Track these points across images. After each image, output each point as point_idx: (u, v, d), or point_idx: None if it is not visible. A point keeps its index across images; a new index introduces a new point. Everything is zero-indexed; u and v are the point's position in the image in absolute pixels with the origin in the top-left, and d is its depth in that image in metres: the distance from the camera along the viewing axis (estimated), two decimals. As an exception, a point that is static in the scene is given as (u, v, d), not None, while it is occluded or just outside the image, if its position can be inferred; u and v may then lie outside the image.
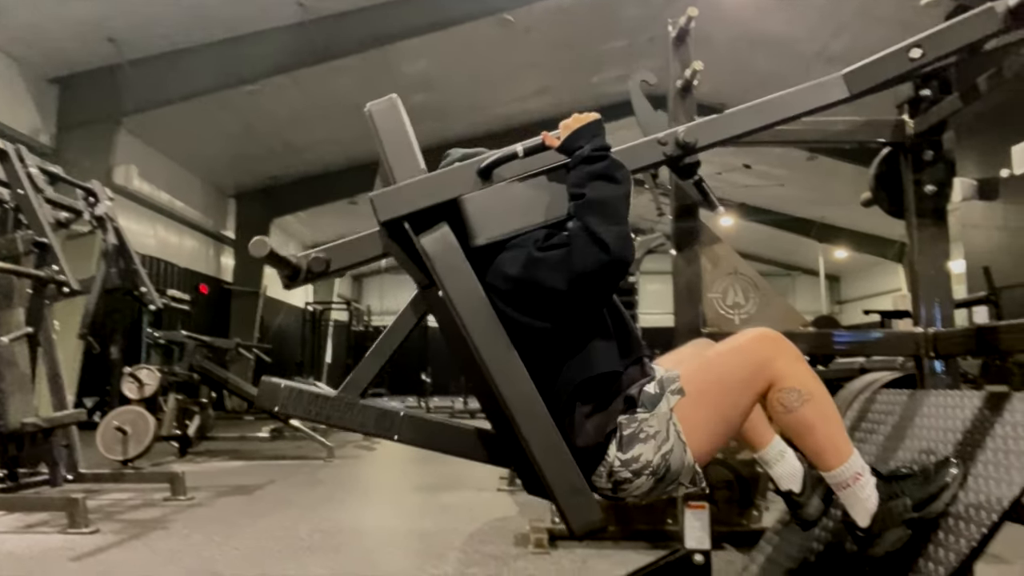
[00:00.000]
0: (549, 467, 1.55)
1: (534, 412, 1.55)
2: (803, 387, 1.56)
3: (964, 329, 2.04)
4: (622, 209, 1.57)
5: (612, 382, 1.59)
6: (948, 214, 2.25)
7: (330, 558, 3.29)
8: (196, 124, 12.42)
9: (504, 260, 1.63)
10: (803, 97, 1.84)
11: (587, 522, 1.57)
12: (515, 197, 1.68)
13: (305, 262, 1.73)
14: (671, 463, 1.55)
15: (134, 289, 5.61)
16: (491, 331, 1.57)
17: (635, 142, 1.83)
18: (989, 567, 3.08)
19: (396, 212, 1.64)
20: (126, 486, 5.24)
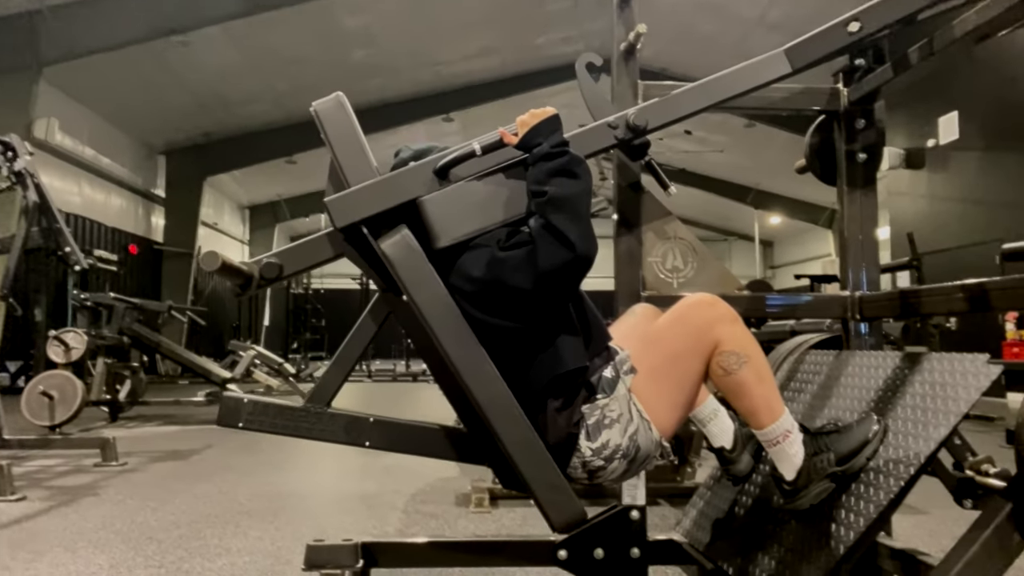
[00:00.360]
0: (527, 466, 1.56)
1: (509, 412, 1.55)
2: (742, 350, 1.60)
3: (888, 293, 2.12)
4: (584, 205, 1.56)
5: (580, 376, 1.60)
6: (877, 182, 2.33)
7: (270, 522, 3.27)
8: (122, 76, 11.82)
9: (467, 261, 1.61)
10: (747, 74, 1.86)
11: (568, 518, 1.59)
12: (474, 196, 1.64)
13: (257, 269, 1.68)
14: (640, 443, 1.58)
15: (57, 249, 5.37)
16: (459, 334, 1.56)
17: (585, 127, 1.82)
18: (906, 517, 3.27)
19: (353, 217, 1.60)
20: (54, 452, 5.08)
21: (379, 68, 13.22)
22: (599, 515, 1.98)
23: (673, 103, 1.86)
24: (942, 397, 1.57)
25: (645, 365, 1.62)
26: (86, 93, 12.20)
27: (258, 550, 2.81)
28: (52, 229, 5.31)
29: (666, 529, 2.26)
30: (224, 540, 2.96)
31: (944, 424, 1.52)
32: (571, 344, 1.60)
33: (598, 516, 1.98)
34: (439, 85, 14.39)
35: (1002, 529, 1.34)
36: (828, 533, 1.60)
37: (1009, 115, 8.00)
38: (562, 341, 1.59)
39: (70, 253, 5.36)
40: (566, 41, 13.44)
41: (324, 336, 17.79)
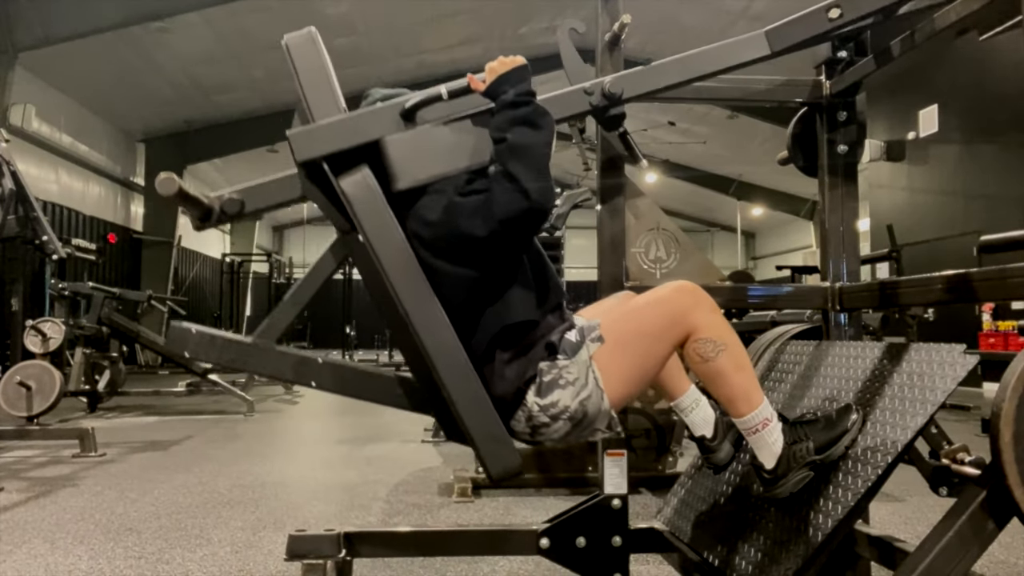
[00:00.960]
0: (468, 414, 1.55)
1: (454, 359, 1.54)
2: (719, 338, 1.61)
3: (867, 284, 2.14)
4: (544, 156, 1.56)
5: (530, 330, 1.60)
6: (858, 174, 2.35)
7: (250, 512, 3.26)
8: (100, 62, 11.64)
9: (424, 205, 1.61)
10: (727, 53, 1.86)
11: (505, 468, 1.59)
12: (438, 141, 1.64)
13: (218, 203, 1.65)
14: (588, 408, 1.58)
15: (35, 238, 5.29)
16: (411, 277, 1.55)
17: (561, 91, 1.82)
18: (883, 505, 3.32)
19: (315, 152, 1.58)
20: (32, 443, 5.03)
21: (361, 56, 13.12)
22: (581, 503, 1.99)
23: (650, 74, 1.86)
24: (919, 387, 1.59)
25: (614, 337, 1.62)
26: (63, 79, 12.00)
27: (239, 540, 2.80)
28: (29, 217, 5.23)
29: (647, 517, 2.27)
30: (205, 531, 2.94)
31: (921, 413, 1.54)
32: (522, 296, 1.60)
33: (580, 504, 1.99)
34: (421, 74, 14.30)
35: (977, 516, 1.36)
36: (807, 521, 1.62)
37: (988, 109, 8.09)
38: (513, 293, 1.59)
39: (47, 242, 5.29)
40: (549, 31, 13.40)
41: (306, 326, 17.71)
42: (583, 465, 3.60)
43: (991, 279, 1.59)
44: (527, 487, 3.62)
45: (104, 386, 7.12)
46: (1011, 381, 1.32)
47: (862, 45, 2.25)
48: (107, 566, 2.51)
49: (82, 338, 6.77)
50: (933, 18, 1.86)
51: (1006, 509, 1.35)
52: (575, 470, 3.62)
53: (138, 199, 15.94)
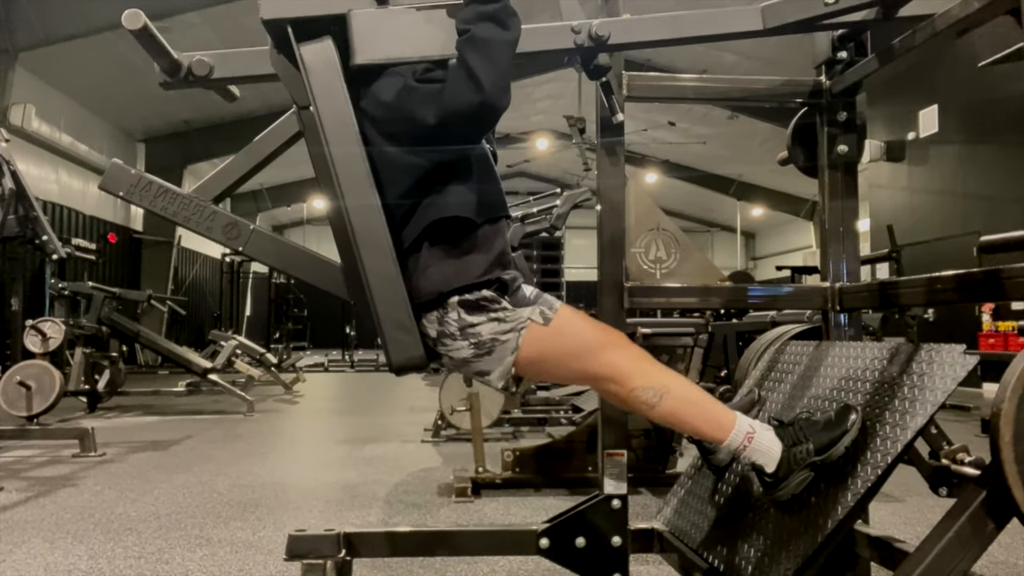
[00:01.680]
0: (380, 298, 1.55)
1: (376, 240, 1.54)
2: (655, 383, 1.61)
3: (867, 284, 2.14)
4: (505, 55, 1.54)
5: (465, 230, 1.60)
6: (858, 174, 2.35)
7: (250, 512, 3.26)
8: (100, 62, 11.64)
9: (380, 86, 1.60)
10: (719, 19, 1.86)
11: (408, 358, 1.58)
12: (406, 24, 1.62)
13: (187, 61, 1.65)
14: (494, 350, 1.59)
15: (34, 237, 5.29)
16: (350, 151, 1.54)
17: (549, 24, 1.82)
18: (883, 505, 3.32)
19: (281, 12, 1.57)
20: (31, 443, 5.03)
21: None
22: (580, 504, 1.99)
23: (639, 24, 1.86)
24: (919, 387, 1.59)
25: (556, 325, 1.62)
26: (63, 79, 12.01)
27: (239, 540, 2.80)
28: (29, 217, 5.22)
29: (647, 518, 2.27)
30: (204, 531, 2.94)
31: (921, 414, 1.54)
32: (463, 194, 1.60)
33: (580, 505, 1.99)
34: (421, 70, 14.30)
35: (976, 516, 1.36)
36: (806, 521, 1.62)
37: (987, 109, 8.10)
38: (454, 189, 1.59)
39: (47, 242, 5.29)
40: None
41: (306, 326, 17.70)
42: (583, 465, 3.60)
43: (991, 279, 1.59)
44: (527, 487, 3.62)
45: (104, 386, 7.12)
46: (1011, 381, 1.32)
47: (862, 45, 2.25)
48: (107, 566, 2.51)
49: (82, 338, 6.77)
50: (933, 19, 1.85)
51: (1006, 509, 1.35)
52: (575, 470, 3.62)
53: (138, 199, 15.94)
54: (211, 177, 1.75)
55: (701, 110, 15.74)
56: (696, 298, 2.31)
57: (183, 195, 1.70)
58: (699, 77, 2.41)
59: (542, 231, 6.78)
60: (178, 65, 1.64)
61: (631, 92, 2.21)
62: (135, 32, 1.48)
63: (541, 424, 5.58)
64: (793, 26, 1.86)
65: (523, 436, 5.27)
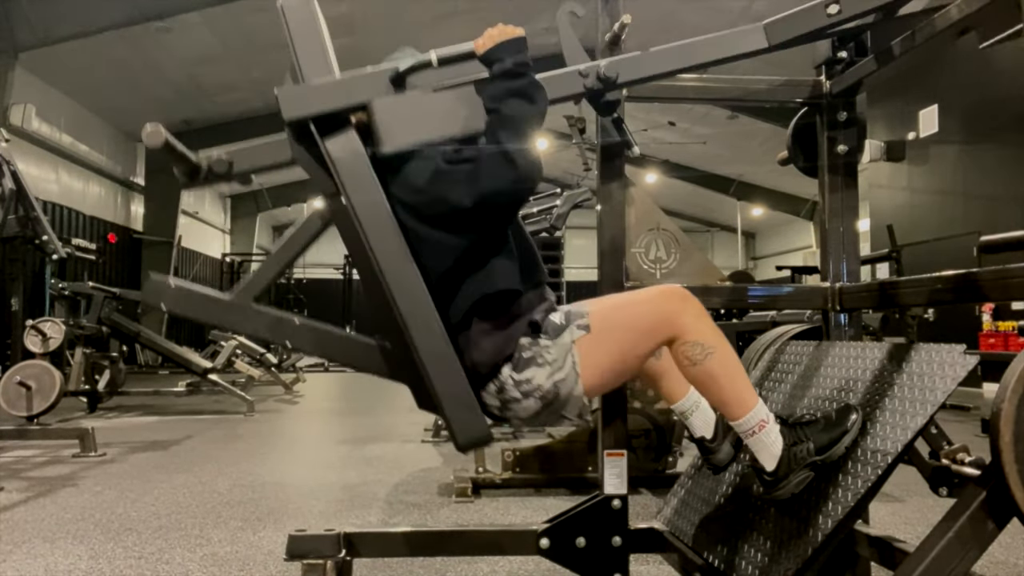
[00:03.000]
0: (439, 380, 1.55)
1: (428, 324, 1.54)
2: (706, 341, 1.61)
3: (867, 284, 2.14)
4: (535, 129, 1.56)
5: (511, 301, 1.60)
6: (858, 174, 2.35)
7: (250, 512, 3.26)
8: (101, 62, 11.64)
9: (411, 170, 1.60)
10: (724, 43, 1.86)
11: (473, 436, 1.58)
12: (428, 107, 1.63)
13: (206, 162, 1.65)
14: (560, 391, 1.58)
15: (35, 237, 5.29)
16: (390, 240, 1.54)
17: (556, 71, 1.82)
18: (883, 505, 3.32)
19: (303, 111, 1.58)
20: (31, 443, 5.03)
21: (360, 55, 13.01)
22: (581, 504, 1.99)
23: (646, 60, 1.86)
24: (919, 387, 1.59)
25: (599, 327, 1.61)
26: (63, 79, 12.00)
27: (239, 540, 2.80)
28: (29, 217, 5.23)
29: (647, 518, 2.27)
30: (205, 531, 2.94)
31: (921, 414, 1.54)
32: (505, 267, 1.60)
33: (580, 505, 1.99)
34: (422, 74, 14.29)
35: (976, 516, 1.36)
36: (807, 521, 1.62)
37: (988, 109, 8.09)
38: (496, 263, 1.59)
39: (47, 242, 5.29)
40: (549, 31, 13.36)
41: (306, 326, 17.69)
42: (583, 465, 3.60)
43: (991, 279, 1.59)
44: (527, 487, 3.62)
45: (104, 386, 7.12)
46: (1011, 381, 1.32)
47: (862, 45, 2.24)
48: (107, 566, 2.51)
49: (82, 338, 6.77)
50: (933, 18, 1.85)
51: (1006, 509, 1.35)
52: (575, 470, 3.62)
53: (138, 199, 15.94)
54: (250, 279, 1.75)
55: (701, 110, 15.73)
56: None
57: (224, 300, 1.70)
58: (699, 77, 2.40)
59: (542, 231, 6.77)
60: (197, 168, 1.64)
61: (631, 92, 2.21)
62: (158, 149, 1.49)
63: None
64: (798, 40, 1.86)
65: (523, 436, 5.27)
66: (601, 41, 2.18)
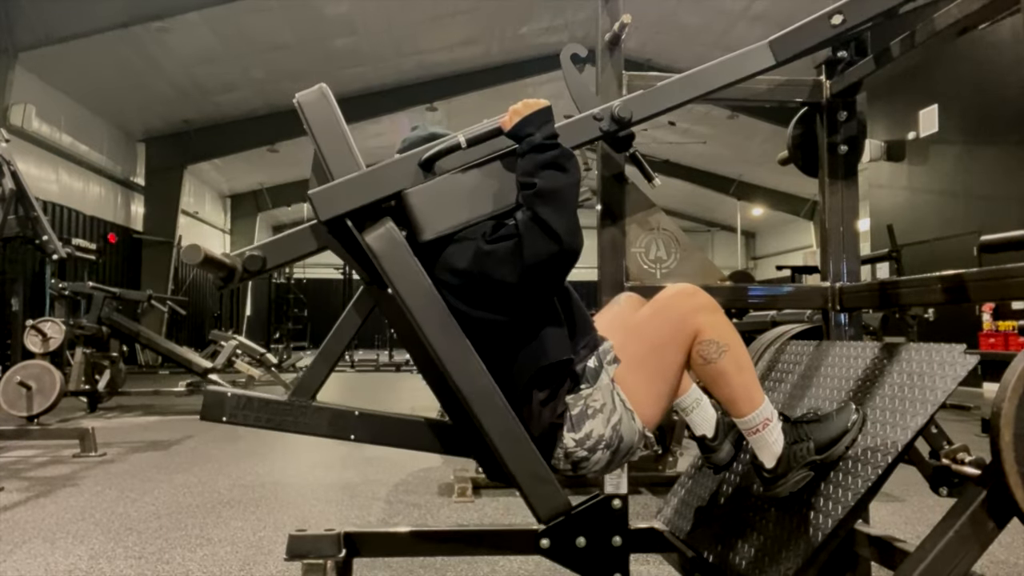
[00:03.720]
0: (511, 457, 1.56)
1: (494, 405, 1.55)
2: (721, 339, 1.61)
3: (868, 284, 2.14)
4: (572, 199, 1.56)
5: (565, 368, 1.60)
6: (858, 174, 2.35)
7: (251, 511, 3.26)
8: (100, 62, 11.64)
9: (452, 254, 1.61)
10: (732, 67, 1.87)
11: (553, 508, 1.60)
12: (460, 188, 1.64)
13: (239, 262, 1.67)
14: (623, 433, 1.58)
15: (35, 237, 5.29)
16: (445, 327, 1.55)
17: (571, 119, 1.82)
18: (883, 505, 3.32)
19: (338, 210, 1.59)
20: (32, 443, 5.03)
21: (361, 56, 13.11)
22: (581, 504, 1.99)
23: (658, 95, 1.86)
24: (920, 387, 1.59)
25: (628, 355, 1.62)
26: (63, 79, 12.00)
27: (239, 540, 2.80)
28: (29, 217, 5.23)
29: (648, 517, 2.27)
30: (205, 530, 2.94)
31: (921, 413, 1.54)
32: (556, 336, 1.60)
33: (580, 505, 1.99)
34: (422, 74, 14.29)
35: (977, 516, 1.36)
36: (807, 520, 1.62)
37: (987, 109, 8.09)
38: (547, 333, 1.59)
39: (47, 242, 5.29)
40: (550, 31, 13.39)
41: (306, 326, 17.71)
42: (583, 465, 3.60)
43: (991, 279, 1.59)
44: (527, 487, 3.62)
45: (104, 386, 7.12)
46: (1011, 381, 1.32)
47: (862, 45, 2.25)
48: (107, 566, 2.51)
49: (82, 338, 6.77)
50: (933, 18, 1.86)
51: (1006, 509, 1.35)
52: (575, 470, 3.61)
53: (138, 199, 15.93)
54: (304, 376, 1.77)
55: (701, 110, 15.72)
56: (696, 298, 2.30)
57: (283, 402, 1.72)
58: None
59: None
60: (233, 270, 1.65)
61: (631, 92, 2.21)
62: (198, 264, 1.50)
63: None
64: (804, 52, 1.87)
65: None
66: (601, 42, 2.18)
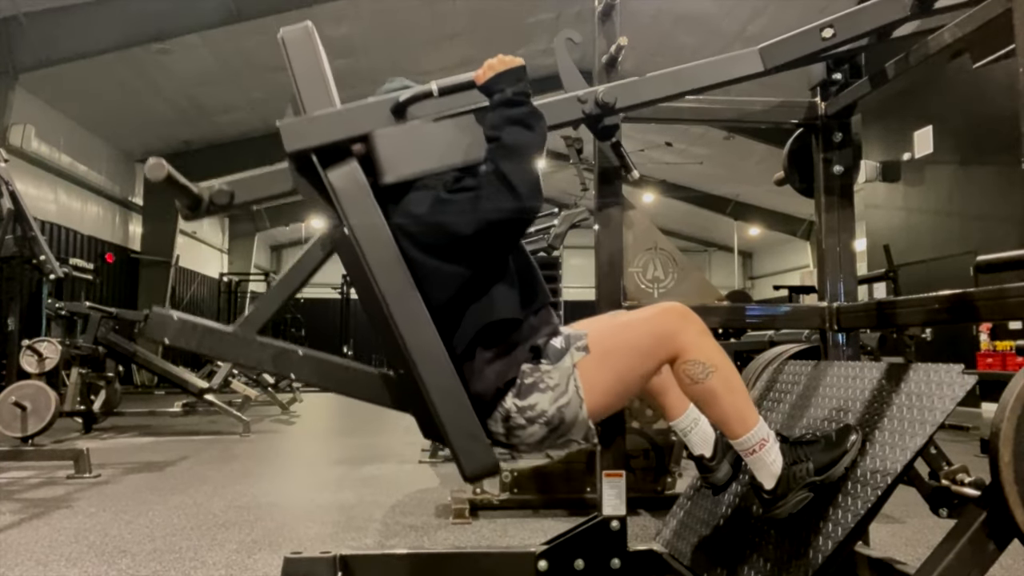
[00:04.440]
0: (445, 411, 1.55)
1: (433, 354, 1.54)
2: (708, 360, 1.61)
3: (865, 304, 2.14)
4: (535, 157, 1.57)
5: (513, 329, 1.60)
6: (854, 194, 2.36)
7: (246, 533, 3.23)
8: (100, 83, 11.71)
9: (412, 200, 1.61)
10: (720, 68, 1.88)
11: (480, 466, 1.59)
12: (429, 137, 1.64)
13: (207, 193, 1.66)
14: (565, 415, 1.58)
15: (32, 257, 5.29)
16: (394, 270, 1.55)
17: (555, 97, 1.83)
18: (883, 526, 3.29)
19: (305, 143, 1.59)
20: (26, 464, 4.99)
21: (360, 77, 13.19)
22: (579, 525, 1.98)
23: (644, 85, 1.87)
24: (918, 407, 1.59)
25: (601, 349, 1.61)
26: (63, 100, 12.06)
27: (234, 563, 2.77)
28: (27, 237, 5.23)
29: (646, 539, 2.26)
30: (199, 553, 2.91)
31: (920, 434, 1.53)
32: (507, 295, 1.60)
33: (578, 526, 1.98)
34: (420, 96, 14.37)
35: (977, 537, 1.35)
36: (806, 542, 1.61)
37: (982, 130, 8.15)
38: (497, 291, 1.60)
39: (45, 261, 5.28)
40: (546, 53, 13.50)
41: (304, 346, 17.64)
42: (582, 486, 3.58)
43: (988, 299, 1.59)
44: (525, 508, 3.59)
45: (100, 406, 7.07)
46: (1009, 401, 1.32)
47: (857, 67, 2.27)
48: (100, 589, 2.48)
49: (78, 358, 6.75)
50: (927, 41, 1.88)
51: (1006, 530, 1.34)
52: (573, 491, 3.59)
53: (136, 219, 15.95)
54: (252, 311, 1.76)
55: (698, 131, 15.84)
56: (694, 318, 2.30)
57: (227, 332, 1.71)
58: (696, 99, 2.43)
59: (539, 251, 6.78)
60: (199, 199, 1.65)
61: (628, 114, 2.23)
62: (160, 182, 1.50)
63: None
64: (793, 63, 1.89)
65: (521, 456, 5.24)
66: (598, 63, 2.20)
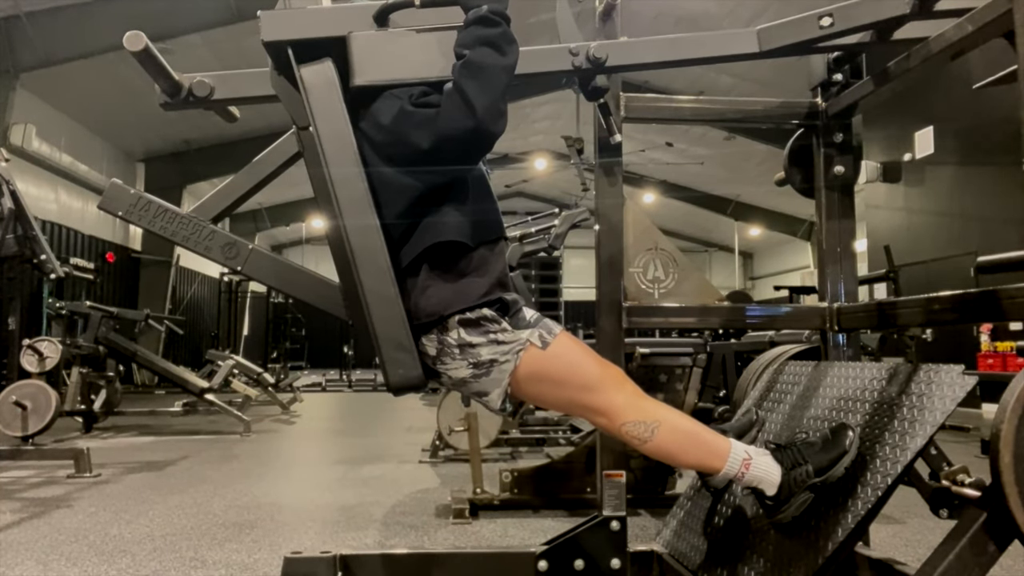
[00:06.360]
0: (379, 319, 1.55)
1: (376, 263, 1.54)
2: (647, 418, 1.61)
3: (865, 304, 2.14)
4: (501, 81, 1.54)
5: (461, 254, 1.60)
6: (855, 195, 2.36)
7: (246, 534, 3.23)
8: (100, 83, 11.71)
9: (379, 108, 1.61)
10: (715, 42, 1.89)
11: (405, 378, 1.58)
12: (405, 47, 1.64)
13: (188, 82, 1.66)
14: (492, 370, 1.59)
15: (33, 257, 5.29)
16: (350, 173, 1.55)
17: (547, 46, 1.83)
18: (883, 527, 3.29)
19: (282, 35, 1.59)
20: (26, 463, 4.99)
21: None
22: (579, 525, 1.98)
23: (637, 46, 1.87)
24: (919, 408, 1.59)
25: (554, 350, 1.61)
26: (64, 99, 12.07)
27: (234, 563, 2.77)
28: (27, 236, 5.23)
29: (647, 540, 2.26)
30: (199, 552, 2.91)
31: (920, 434, 1.53)
32: (458, 219, 1.60)
33: (578, 527, 1.97)
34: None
35: (977, 538, 1.35)
36: (806, 543, 1.61)
37: (982, 131, 8.15)
38: (449, 213, 1.59)
39: (45, 261, 5.28)
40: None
41: (304, 346, 17.65)
42: (582, 486, 3.58)
43: (989, 300, 1.59)
44: (526, 508, 3.59)
45: (100, 406, 7.08)
46: (1010, 402, 1.32)
47: (857, 67, 2.27)
48: (100, 589, 2.48)
49: (79, 357, 6.75)
50: (928, 41, 1.87)
51: (1007, 531, 1.34)
52: (573, 491, 3.59)
53: (137, 218, 15.96)
54: (210, 197, 1.76)
55: (698, 131, 15.84)
56: (694, 318, 2.31)
57: (182, 215, 1.72)
58: (696, 98, 2.43)
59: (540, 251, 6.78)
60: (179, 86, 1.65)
61: (628, 113, 2.23)
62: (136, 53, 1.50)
63: (539, 444, 5.56)
64: (788, 48, 1.88)
65: (521, 457, 5.24)
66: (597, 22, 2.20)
